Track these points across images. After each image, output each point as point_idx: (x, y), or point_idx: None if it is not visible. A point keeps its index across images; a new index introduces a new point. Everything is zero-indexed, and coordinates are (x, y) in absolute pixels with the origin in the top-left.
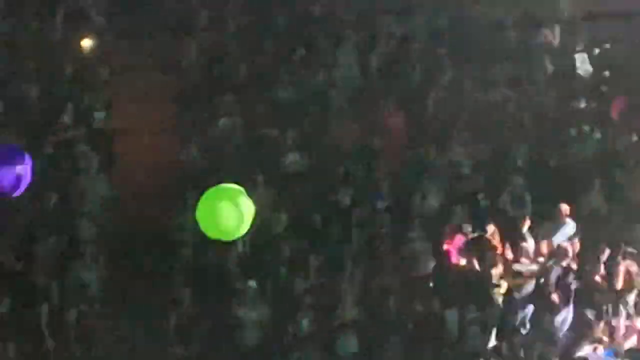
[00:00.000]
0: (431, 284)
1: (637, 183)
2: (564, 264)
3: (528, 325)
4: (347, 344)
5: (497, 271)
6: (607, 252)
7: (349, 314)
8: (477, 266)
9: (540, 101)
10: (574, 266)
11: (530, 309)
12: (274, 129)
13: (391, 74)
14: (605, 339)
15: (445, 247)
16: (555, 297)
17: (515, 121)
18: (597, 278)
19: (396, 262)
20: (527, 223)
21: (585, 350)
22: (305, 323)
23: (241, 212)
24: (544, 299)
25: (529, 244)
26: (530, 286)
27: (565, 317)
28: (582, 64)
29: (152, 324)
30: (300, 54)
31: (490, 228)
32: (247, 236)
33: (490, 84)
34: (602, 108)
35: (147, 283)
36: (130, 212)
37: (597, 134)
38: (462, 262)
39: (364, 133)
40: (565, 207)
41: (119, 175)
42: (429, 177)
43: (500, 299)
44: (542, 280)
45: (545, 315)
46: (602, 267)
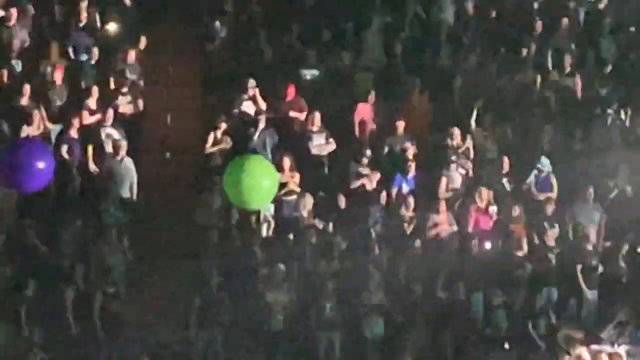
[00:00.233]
0: (457, 268)
1: None
2: (590, 247)
3: (553, 308)
4: (373, 327)
5: (522, 254)
6: (633, 236)
7: (375, 297)
8: (502, 249)
9: (566, 85)
10: (600, 249)
11: (555, 292)
12: (301, 111)
13: (417, 57)
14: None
15: (470, 230)
16: (580, 280)
17: (541, 104)
18: (622, 262)
19: (422, 245)
20: (553, 206)
21: (611, 332)
22: (330, 306)
23: (272, 170)
24: (569, 282)
25: (555, 227)
26: (555, 269)
27: (589, 299)
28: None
29: (177, 307)
30: (327, 37)
31: (515, 210)
32: (272, 219)
33: (517, 68)
34: (628, 92)
35: (172, 267)
36: (156, 196)
37: (623, 117)
38: (488, 245)
39: (390, 116)
40: (591, 191)
41: (145, 159)
42: (454, 159)
43: (525, 283)
44: (567, 263)
45: (570, 298)
46: (626, 250)
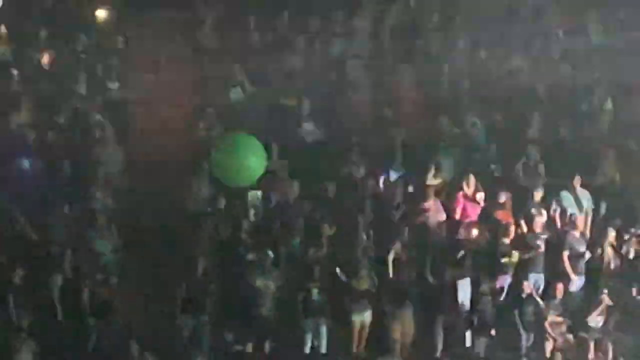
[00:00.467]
0: (444, 254)
1: None
2: (577, 234)
3: (540, 295)
4: (360, 313)
5: (509, 241)
6: (620, 223)
7: (363, 283)
8: (488, 236)
9: (554, 72)
10: (587, 237)
11: (541, 278)
12: (290, 98)
13: (406, 44)
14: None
15: (458, 217)
16: (567, 266)
17: (529, 92)
18: (609, 249)
19: (410, 232)
20: (541, 193)
21: (597, 319)
22: (318, 293)
23: (262, 148)
24: (556, 269)
25: (542, 214)
26: (542, 256)
27: (577, 286)
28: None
29: (165, 294)
30: (316, 23)
31: (503, 198)
32: (260, 206)
33: (506, 55)
34: (616, 79)
35: (160, 253)
36: (145, 182)
37: (610, 104)
38: (475, 232)
39: (379, 103)
40: (578, 178)
41: (133, 145)
42: (443, 147)
43: (511, 269)
44: (554, 250)
45: (557, 285)
46: (614, 238)
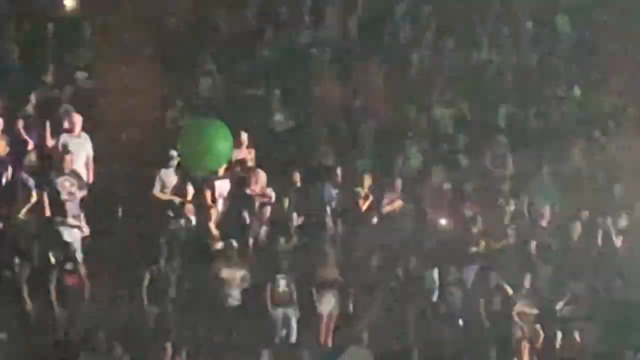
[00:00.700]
0: (412, 245)
1: (617, 143)
2: (544, 224)
3: (507, 284)
4: (328, 303)
5: (475, 230)
6: (587, 213)
7: (331, 273)
8: (454, 226)
9: (521, 62)
10: (554, 226)
11: (509, 268)
12: (259, 88)
13: (374, 34)
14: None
15: (426, 206)
16: (532, 255)
17: (497, 81)
18: (575, 239)
19: (378, 222)
20: (509, 183)
21: (564, 307)
22: (285, 283)
23: (229, 134)
24: (524, 258)
25: (510, 204)
26: (510, 245)
27: (544, 275)
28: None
29: (132, 283)
30: (284, 14)
31: (469, 187)
32: (229, 196)
33: (473, 45)
34: (583, 69)
35: (128, 242)
36: (113, 172)
37: (577, 94)
38: (443, 222)
39: (347, 93)
40: (546, 168)
41: (102, 135)
42: (411, 136)
43: (479, 259)
44: (522, 239)
45: (525, 274)
46: (581, 227)
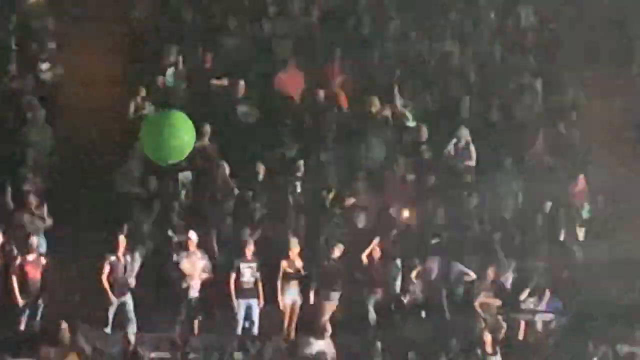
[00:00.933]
0: (375, 236)
1: (580, 136)
2: (507, 216)
3: (471, 275)
4: (290, 293)
5: (438, 222)
6: (550, 204)
7: (294, 263)
8: (417, 217)
9: (485, 54)
10: (517, 217)
11: (473, 260)
12: (222, 79)
13: (338, 26)
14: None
15: (388, 197)
16: (498, 248)
17: (460, 73)
18: (538, 231)
19: (340, 214)
20: (472, 175)
21: (527, 298)
22: (250, 273)
23: (191, 125)
24: (487, 250)
25: (474, 196)
26: (473, 237)
27: (507, 267)
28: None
29: (93, 273)
30: (247, 5)
31: (432, 179)
32: (191, 187)
33: (436, 37)
34: (546, 62)
35: (90, 233)
36: (76, 163)
37: (540, 87)
38: (405, 213)
39: (311, 85)
40: (509, 160)
41: (64, 126)
42: (373, 128)
43: (442, 250)
44: (486, 231)
45: (488, 266)
46: (544, 218)
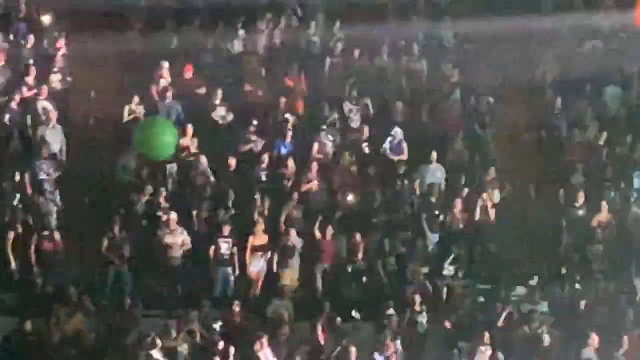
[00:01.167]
0: (326, 215)
1: (492, 135)
2: (433, 199)
3: (403, 247)
4: (256, 264)
5: (376, 205)
6: (467, 190)
7: (259, 239)
8: (359, 201)
9: (414, 68)
10: (441, 201)
11: (404, 235)
12: (201, 88)
13: (294, 45)
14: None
15: (336, 185)
16: (425, 226)
17: (394, 83)
18: (457, 212)
19: (298, 197)
20: (404, 166)
21: (449, 269)
22: (227, 246)
23: (174, 129)
24: (417, 227)
25: (405, 184)
26: (405, 217)
27: (432, 241)
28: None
29: (95, 247)
30: (221, 27)
31: (372, 170)
32: (176, 176)
33: (375, 53)
34: (464, 74)
35: (92, 213)
36: (82, 157)
37: (459, 95)
38: (350, 197)
39: (273, 92)
40: (434, 154)
41: (72, 126)
42: (325, 128)
43: (380, 227)
44: (415, 212)
45: (417, 240)
46: (462, 203)
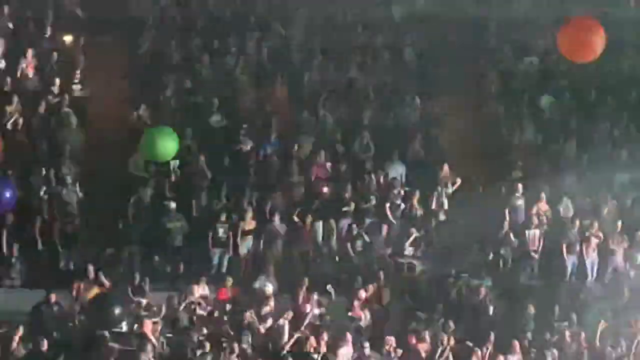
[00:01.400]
0: (304, 204)
1: (446, 137)
2: (395, 191)
3: (369, 232)
4: (246, 245)
5: (347, 195)
6: (425, 184)
7: (249, 225)
8: (332, 192)
9: (380, 80)
10: (402, 192)
11: (371, 221)
12: (199, 96)
13: (279, 60)
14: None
15: (313, 178)
16: (389, 213)
17: (363, 93)
18: (415, 202)
19: (281, 189)
20: (371, 162)
21: (409, 249)
22: (223, 230)
23: (174, 137)
24: (382, 215)
25: (372, 178)
26: (372, 206)
27: (394, 227)
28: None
29: (109, 231)
30: (216, 46)
31: (344, 166)
32: (178, 171)
33: (346, 67)
34: (423, 85)
35: (108, 202)
36: (98, 154)
37: (418, 103)
38: (325, 189)
39: (261, 101)
40: (396, 152)
41: (91, 129)
42: (304, 131)
43: (350, 214)
44: (380, 201)
45: (382, 225)
46: (420, 194)
